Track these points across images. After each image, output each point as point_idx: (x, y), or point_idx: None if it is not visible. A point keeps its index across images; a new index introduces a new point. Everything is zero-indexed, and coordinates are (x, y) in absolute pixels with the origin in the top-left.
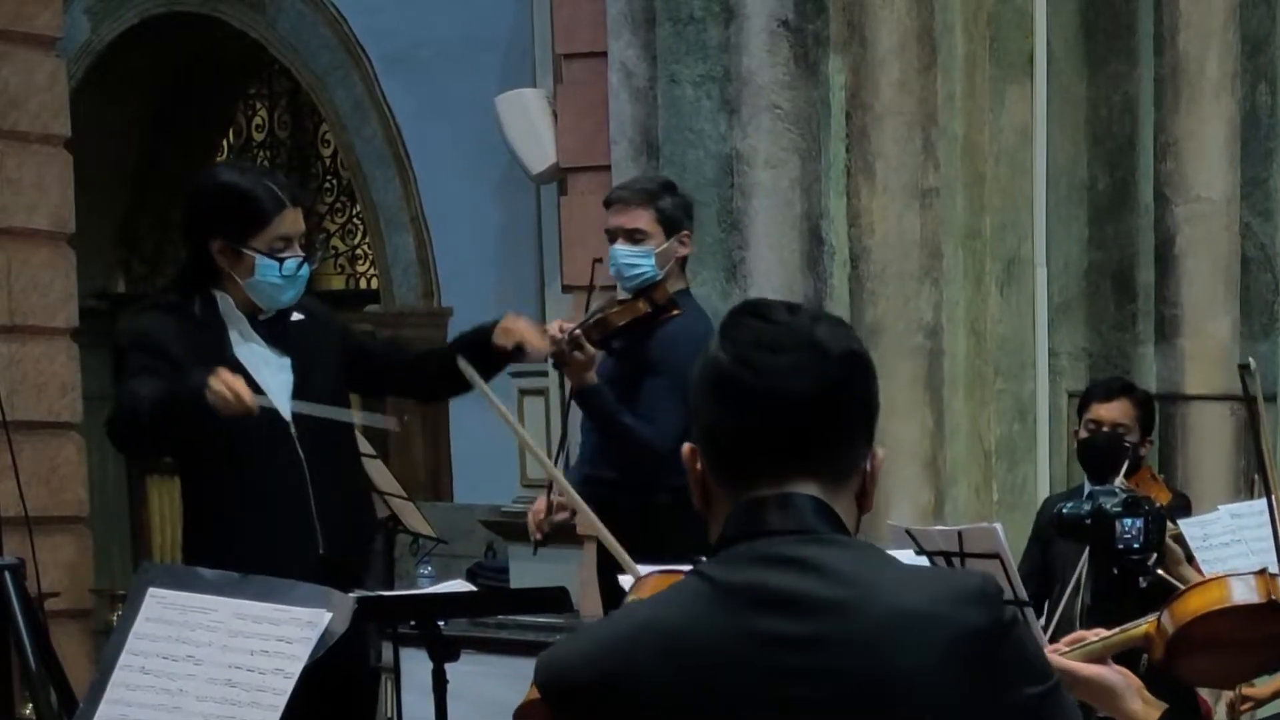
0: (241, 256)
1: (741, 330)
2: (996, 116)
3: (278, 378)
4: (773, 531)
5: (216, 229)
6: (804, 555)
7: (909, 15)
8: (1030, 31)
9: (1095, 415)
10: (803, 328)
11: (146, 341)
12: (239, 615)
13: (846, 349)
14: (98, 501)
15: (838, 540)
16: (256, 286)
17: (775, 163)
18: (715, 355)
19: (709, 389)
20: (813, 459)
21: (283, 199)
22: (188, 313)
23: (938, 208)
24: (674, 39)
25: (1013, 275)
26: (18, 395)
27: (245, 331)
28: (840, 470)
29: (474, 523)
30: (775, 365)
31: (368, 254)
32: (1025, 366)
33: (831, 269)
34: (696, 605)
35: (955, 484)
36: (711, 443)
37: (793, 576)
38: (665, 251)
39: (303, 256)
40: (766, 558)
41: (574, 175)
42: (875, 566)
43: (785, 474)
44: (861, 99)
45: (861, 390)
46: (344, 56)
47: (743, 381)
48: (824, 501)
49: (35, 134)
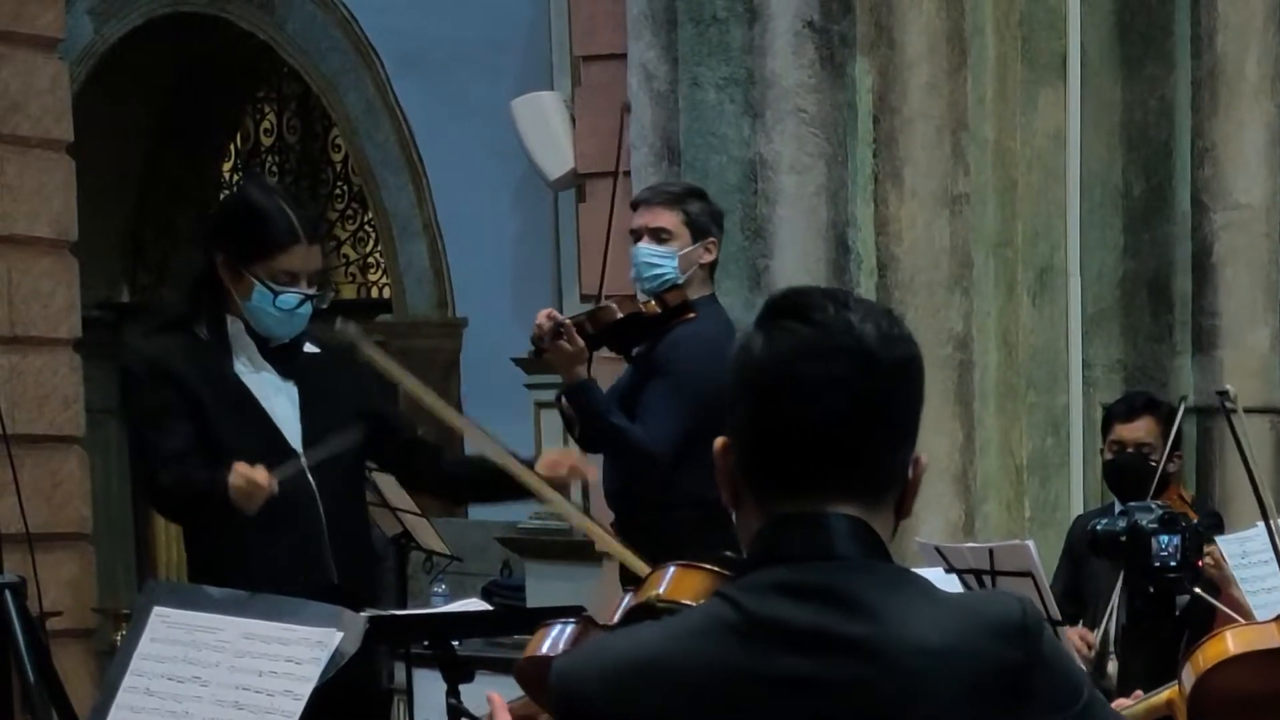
0: (242, 277)
1: (785, 334)
2: (1029, 120)
3: (285, 407)
4: (802, 557)
5: (222, 243)
6: (832, 585)
7: (938, 16)
8: (1063, 32)
9: (1118, 436)
10: (849, 330)
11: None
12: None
13: (898, 356)
14: (101, 518)
15: (870, 568)
16: (252, 312)
17: (800, 168)
18: (754, 356)
19: (745, 393)
20: (854, 478)
21: (298, 232)
22: (194, 332)
23: (968, 215)
24: (696, 40)
25: (1045, 284)
26: (19, 408)
27: (255, 359)
28: (881, 487)
29: (489, 539)
30: (819, 376)
31: (380, 263)
32: (1058, 379)
33: (858, 278)
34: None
35: (986, 500)
36: (745, 448)
37: (817, 610)
38: (689, 255)
39: (306, 294)
40: (792, 587)
41: (592, 181)
42: (907, 598)
43: (822, 491)
44: (889, 102)
45: (912, 398)
46: (355, 58)
47: (782, 391)
48: (861, 521)
49: (36, 138)
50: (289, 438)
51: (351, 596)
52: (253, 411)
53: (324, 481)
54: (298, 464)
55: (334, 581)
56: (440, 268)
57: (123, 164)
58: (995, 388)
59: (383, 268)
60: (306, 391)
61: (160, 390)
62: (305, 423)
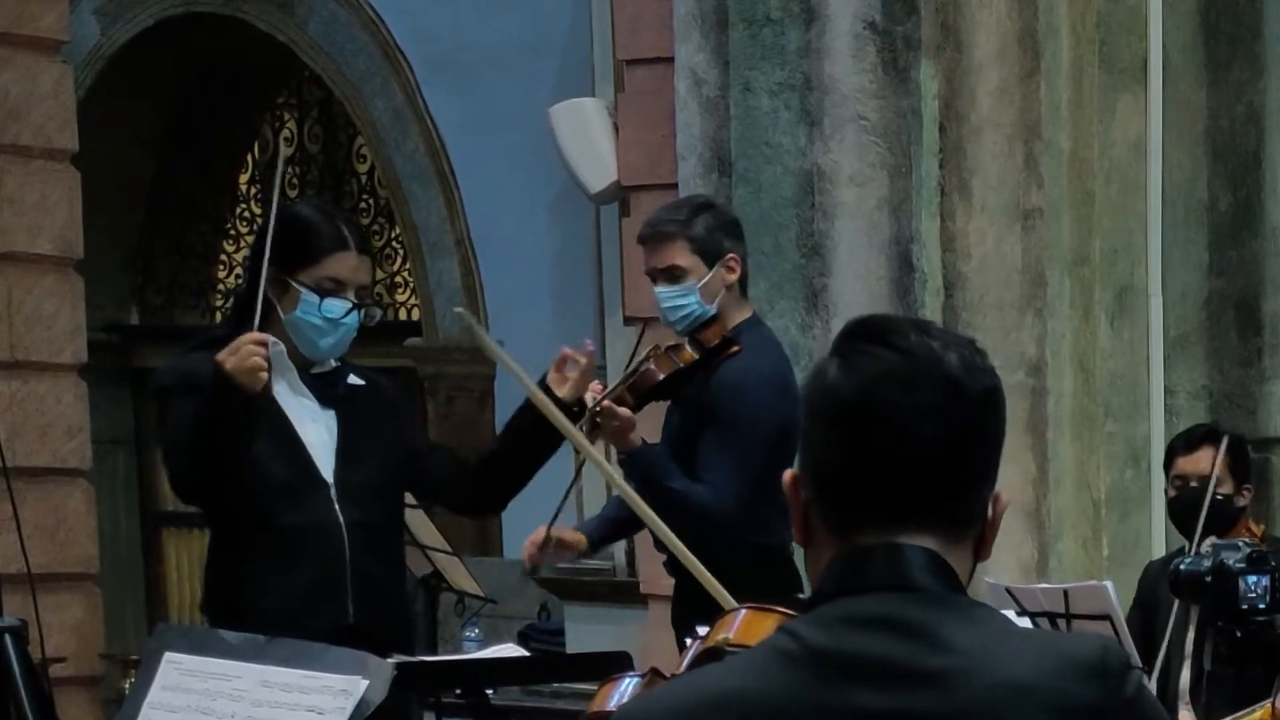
0: (288, 289)
1: (866, 359)
2: (1106, 129)
3: (321, 436)
4: (876, 588)
5: (270, 255)
6: (907, 617)
7: (1009, 16)
8: (1144, 34)
9: (1180, 470)
10: (935, 359)
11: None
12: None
13: (984, 387)
14: (108, 557)
15: (947, 600)
16: (296, 325)
17: (861, 180)
18: (834, 383)
19: (822, 422)
20: (933, 511)
21: (346, 238)
22: None
23: (1041, 230)
24: (748, 42)
25: (1124, 305)
26: (20, 438)
27: (294, 384)
28: (961, 522)
29: (526, 580)
30: (903, 406)
31: (408, 281)
32: (1138, 406)
33: (923, 298)
34: (783, 674)
35: (1061, 537)
36: (820, 479)
37: (892, 642)
38: (710, 284)
39: (353, 303)
40: (865, 619)
41: (637, 194)
42: (987, 632)
43: (900, 524)
44: (956, 109)
45: (995, 431)
46: (382, 62)
47: (864, 421)
48: (938, 555)
49: (39, 148)
50: (320, 467)
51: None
52: (285, 436)
53: (352, 514)
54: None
55: (349, 622)
56: (473, 287)
57: (131, 175)
58: (1071, 416)
59: (411, 287)
60: (345, 423)
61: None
62: (340, 454)
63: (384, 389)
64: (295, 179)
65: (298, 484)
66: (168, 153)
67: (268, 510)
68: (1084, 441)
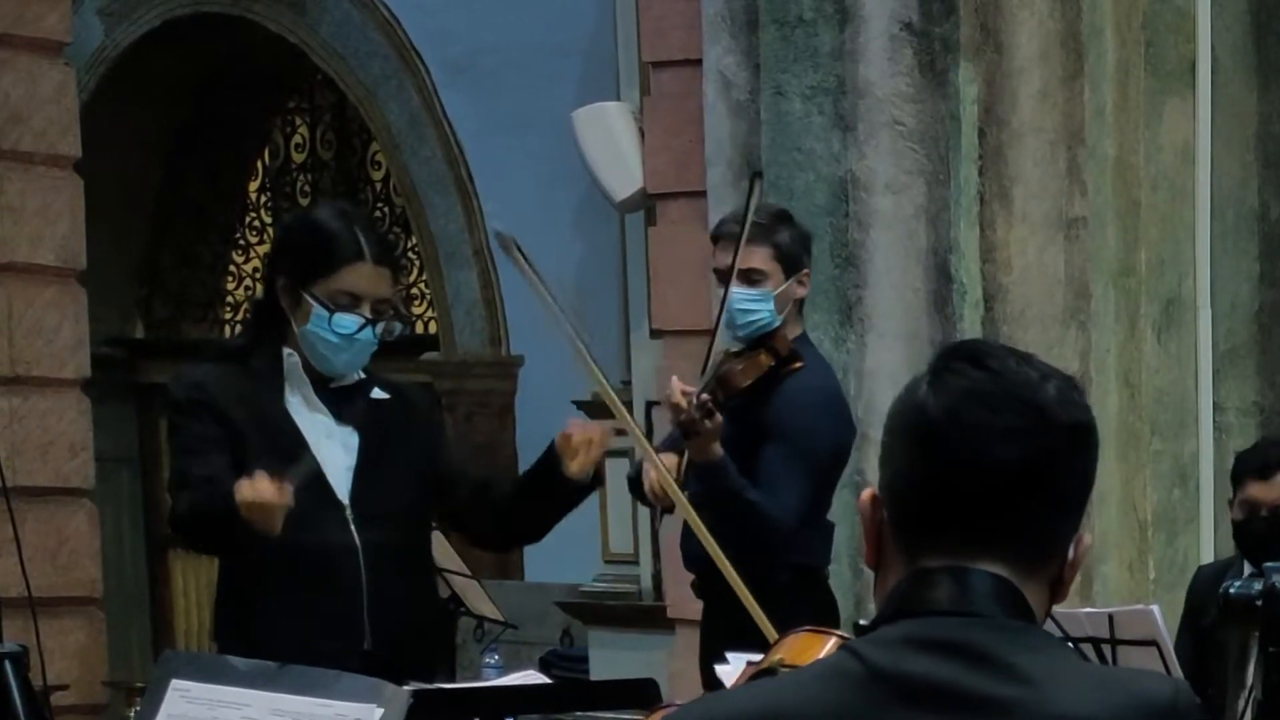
0: (300, 301)
1: (957, 378)
2: (1153, 134)
3: (337, 454)
4: (939, 611)
5: (283, 264)
6: (969, 642)
7: (1051, 17)
8: (1192, 35)
9: (1251, 495)
10: (1029, 384)
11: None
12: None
13: (1074, 420)
14: (112, 580)
15: (1012, 627)
16: (308, 338)
17: (897, 188)
18: (920, 400)
19: (905, 437)
20: (1008, 538)
21: (363, 249)
22: (250, 366)
23: (1085, 240)
24: (780, 44)
25: (1172, 318)
26: (20, 457)
27: (310, 399)
28: (1037, 554)
29: (548, 604)
30: (989, 426)
31: (425, 293)
32: (1186, 424)
33: (962, 311)
34: (841, 692)
35: (1105, 559)
36: (896, 496)
37: (954, 667)
38: (784, 294)
39: (367, 319)
40: (926, 641)
41: (663, 202)
42: (1054, 664)
43: (971, 548)
44: (997, 114)
45: (1081, 468)
46: (398, 64)
47: (947, 437)
48: (1009, 583)
49: (40, 154)
50: (335, 488)
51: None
52: (298, 456)
53: (370, 535)
54: (312, 465)
55: (366, 648)
56: (492, 299)
57: (136, 183)
58: (1116, 433)
59: (428, 299)
60: (368, 441)
61: (200, 418)
62: (358, 474)
63: (413, 401)
64: (307, 186)
65: (311, 506)
66: (174, 159)
67: (280, 534)
68: (1129, 460)
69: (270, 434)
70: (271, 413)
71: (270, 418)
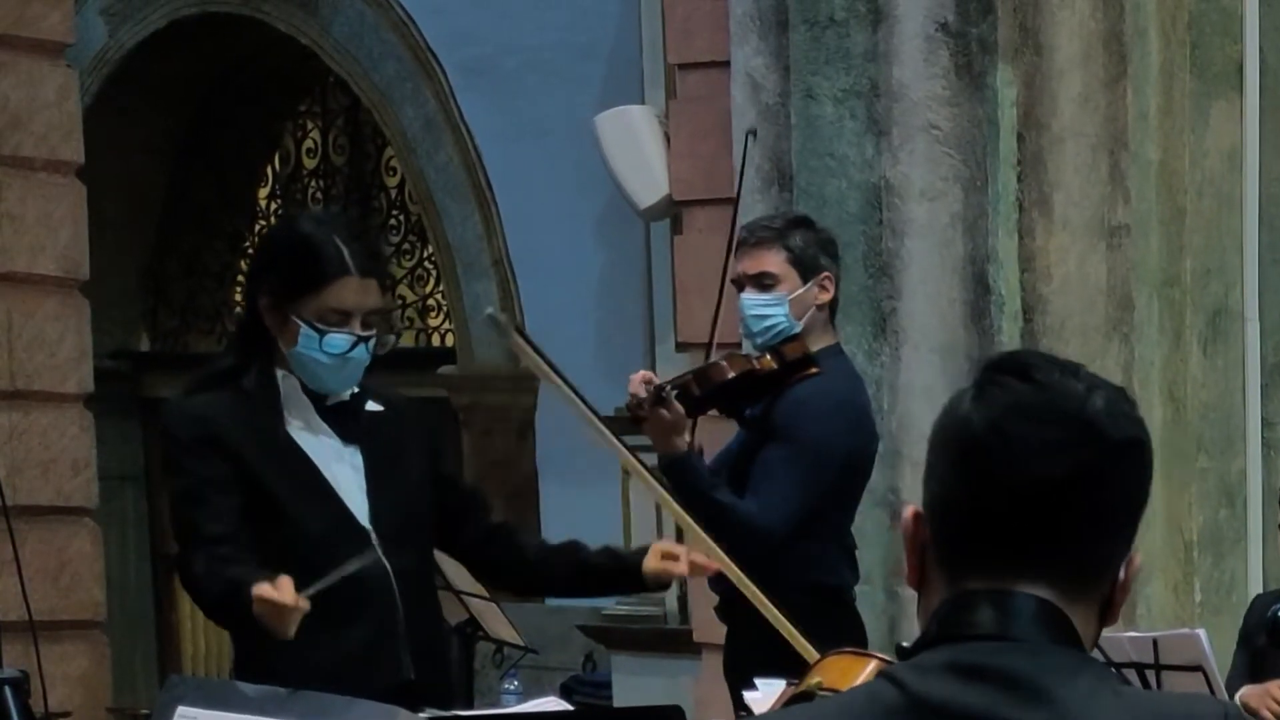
0: (287, 320)
1: (1001, 390)
2: (1198, 139)
3: (348, 476)
4: (980, 636)
5: (266, 284)
6: (1008, 668)
7: (1093, 17)
8: (1239, 37)
9: None
10: (1075, 397)
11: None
12: None
13: (1125, 435)
14: (116, 602)
15: (1049, 652)
16: (298, 359)
17: (932, 194)
18: (964, 414)
19: (947, 453)
20: (1053, 558)
21: (347, 264)
22: (242, 388)
23: (1128, 249)
24: (810, 45)
25: (1218, 330)
26: (21, 475)
27: (312, 421)
28: (1084, 575)
29: (569, 628)
30: (1033, 440)
31: (441, 305)
32: (1233, 440)
33: (1000, 322)
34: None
35: (1150, 581)
36: (938, 514)
37: (991, 694)
38: (801, 299)
39: (358, 336)
40: (966, 668)
41: (689, 209)
42: (1089, 687)
43: (1014, 569)
44: (1036, 118)
45: (1132, 486)
46: (413, 66)
47: (990, 452)
48: (1054, 606)
49: (41, 160)
50: (356, 514)
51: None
52: (314, 483)
53: (397, 560)
54: (373, 555)
55: (409, 678)
56: (512, 310)
57: (141, 189)
58: (1160, 450)
59: (445, 311)
60: (372, 458)
61: (206, 458)
62: (371, 495)
63: (403, 412)
64: (319, 193)
65: (335, 535)
66: (181, 165)
67: (305, 567)
68: (1174, 478)
69: (283, 464)
70: (277, 440)
71: (278, 446)
